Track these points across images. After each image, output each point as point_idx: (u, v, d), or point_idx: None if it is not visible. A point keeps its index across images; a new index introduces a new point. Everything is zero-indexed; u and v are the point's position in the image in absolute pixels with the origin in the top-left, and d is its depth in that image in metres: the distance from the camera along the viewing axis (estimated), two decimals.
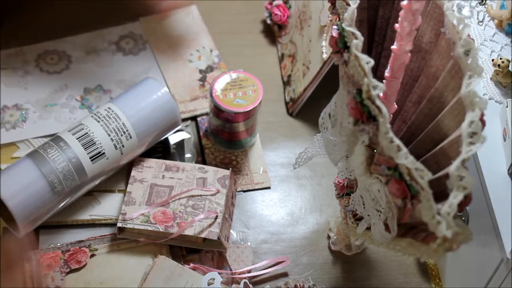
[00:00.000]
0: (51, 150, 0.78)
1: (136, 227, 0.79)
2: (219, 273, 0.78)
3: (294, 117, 0.96)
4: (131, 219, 0.79)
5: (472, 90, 0.52)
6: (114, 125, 0.81)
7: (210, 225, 0.80)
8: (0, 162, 0.86)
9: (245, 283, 0.78)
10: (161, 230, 0.79)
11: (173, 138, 0.92)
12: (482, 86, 0.76)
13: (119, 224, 0.79)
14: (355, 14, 0.56)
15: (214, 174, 0.85)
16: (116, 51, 1.00)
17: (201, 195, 0.82)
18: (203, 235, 0.79)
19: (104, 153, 0.80)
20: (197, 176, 0.84)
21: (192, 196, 0.82)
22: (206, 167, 0.85)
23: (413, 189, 0.51)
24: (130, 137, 0.81)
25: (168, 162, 0.86)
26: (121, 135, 0.81)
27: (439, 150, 0.55)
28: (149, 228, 0.79)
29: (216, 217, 0.80)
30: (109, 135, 0.80)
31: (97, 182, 0.83)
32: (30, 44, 0.99)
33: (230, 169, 0.86)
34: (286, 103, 0.97)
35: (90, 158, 0.79)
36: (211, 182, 0.84)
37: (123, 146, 0.81)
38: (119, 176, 0.86)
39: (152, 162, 0.85)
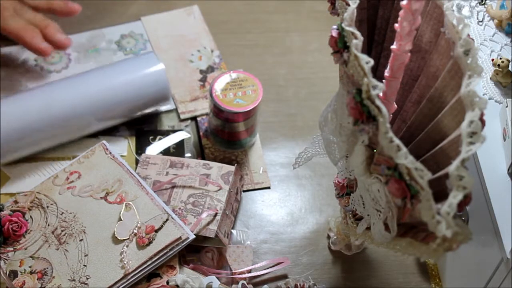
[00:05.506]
0: None
1: None
2: (218, 273, 0.78)
3: (294, 117, 0.96)
4: None
5: (472, 90, 0.52)
6: None
7: (208, 223, 0.79)
8: None
9: (243, 284, 0.77)
10: None
11: (173, 138, 0.92)
12: (482, 86, 0.76)
13: None
14: (355, 14, 0.56)
15: (218, 170, 0.84)
16: (117, 50, 1.00)
17: (202, 192, 0.82)
18: (201, 233, 0.79)
19: None
20: (201, 172, 0.84)
21: (194, 188, 0.82)
22: (211, 163, 0.85)
23: (413, 189, 0.51)
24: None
25: (173, 158, 0.85)
26: None
27: (439, 150, 0.55)
28: None
29: (216, 215, 0.80)
30: None
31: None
32: None
33: (236, 164, 0.85)
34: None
35: None
36: (214, 178, 0.83)
37: None
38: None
39: (157, 159, 0.85)
